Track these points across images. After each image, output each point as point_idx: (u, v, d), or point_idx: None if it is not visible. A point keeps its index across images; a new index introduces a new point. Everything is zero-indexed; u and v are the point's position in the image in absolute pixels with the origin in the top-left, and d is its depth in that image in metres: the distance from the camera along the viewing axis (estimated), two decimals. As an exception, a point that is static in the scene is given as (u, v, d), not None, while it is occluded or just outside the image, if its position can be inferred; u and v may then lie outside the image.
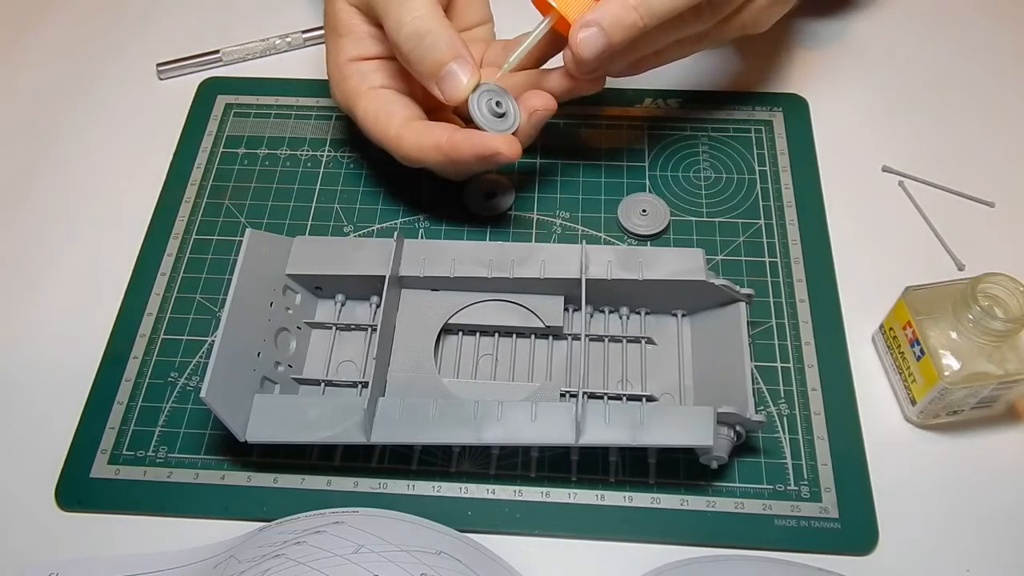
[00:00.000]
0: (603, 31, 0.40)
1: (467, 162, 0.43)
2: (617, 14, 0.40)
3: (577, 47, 0.40)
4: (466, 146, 0.42)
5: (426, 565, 0.34)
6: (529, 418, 0.38)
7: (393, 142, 0.44)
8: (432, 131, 0.43)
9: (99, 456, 0.42)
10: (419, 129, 0.43)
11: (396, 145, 0.44)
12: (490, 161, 0.43)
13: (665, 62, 0.45)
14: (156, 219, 0.50)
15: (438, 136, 0.42)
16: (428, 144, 0.42)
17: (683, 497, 0.40)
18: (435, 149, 0.42)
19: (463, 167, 0.46)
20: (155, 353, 0.45)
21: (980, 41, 0.56)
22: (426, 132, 0.43)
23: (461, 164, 0.44)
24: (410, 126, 0.43)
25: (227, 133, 0.53)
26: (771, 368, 0.44)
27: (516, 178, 0.51)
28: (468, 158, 0.42)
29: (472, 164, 0.44)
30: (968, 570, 0.39)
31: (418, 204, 0.50)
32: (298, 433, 0.39)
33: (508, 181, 0.50)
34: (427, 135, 0.43)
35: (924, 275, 0.43)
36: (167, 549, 0.40)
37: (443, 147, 0.42)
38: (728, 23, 0.45)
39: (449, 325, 0.43)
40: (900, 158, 0.51)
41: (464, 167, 0.46)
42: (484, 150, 0.41)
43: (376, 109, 0.44)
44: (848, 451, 0.41)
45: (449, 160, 0.43)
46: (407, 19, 0.41)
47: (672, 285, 0.42)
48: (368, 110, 0.44)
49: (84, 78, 0.57)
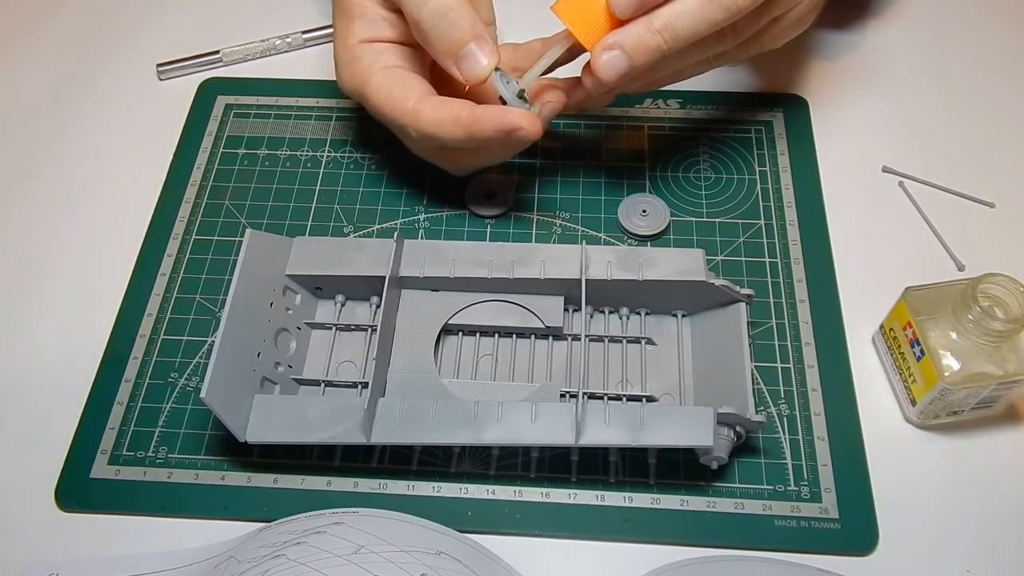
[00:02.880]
0: (626, 54, 0.39)
1: (487, 138, 0.42)
2: (641, 37, 0.39)
3: (600, 69, 0.40)
4: (488, 119, 0.41)
5: (426, 565, 0.34)
6: (529, 418, 0.38)
7: (411, 116, 0.43)
8: (452, 104, 0.42)
9: (99, 456, 0.42)
10: (437, 103, 0.42)
11: (414, 119, 0.43)
12: (510, 138, 0.41)
13: (682, 79, 0.45)
14: (156, 219, 0.50)
15: (459, 109, 0.42)
16: (448, 117, 0.42)
17: (683, 497, 0.40)
18: (455, 122, 0.42)
19: (481, 144, 0.44)
20: (155, 353, 0.45)
21: (980, 41, 0.56)
22: (445, 105, 0.42)
23: (480, 140, 0.42)
24: (428, 100, 0.43)
25: (227, 133, 0.53)
26: (771, 368, 0.44)
27: (516, 178, 0.51)
28: (489, 132, 0.41)
29: (492, 139, 0.42)
30: (968, 570, 0.39)
31: (418, 204, 0.50)
32: (298, 433, 0.39)
33: (508, 181, 0.50)
34: (447, 108, 0.42)
35: (924, 275, 0.43)
36: (167, 549, 0.40)
37: (463, 120, 0.41)
38: (748, 44, 0.44)
39: (449, 325, 0.43)
40: (900, 158, 0.51)
41: (481, 145, 0.44)
42: (506, 124, 0.41)
43: (391, 85, 0.43)
44: (848, 451, 0.41)
45: (469, 135, 0.42)
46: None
47: (672, 285, 0.42)
48: (382, 86, 0.44)
49: (84, 78, 0.57)
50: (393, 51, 0.45)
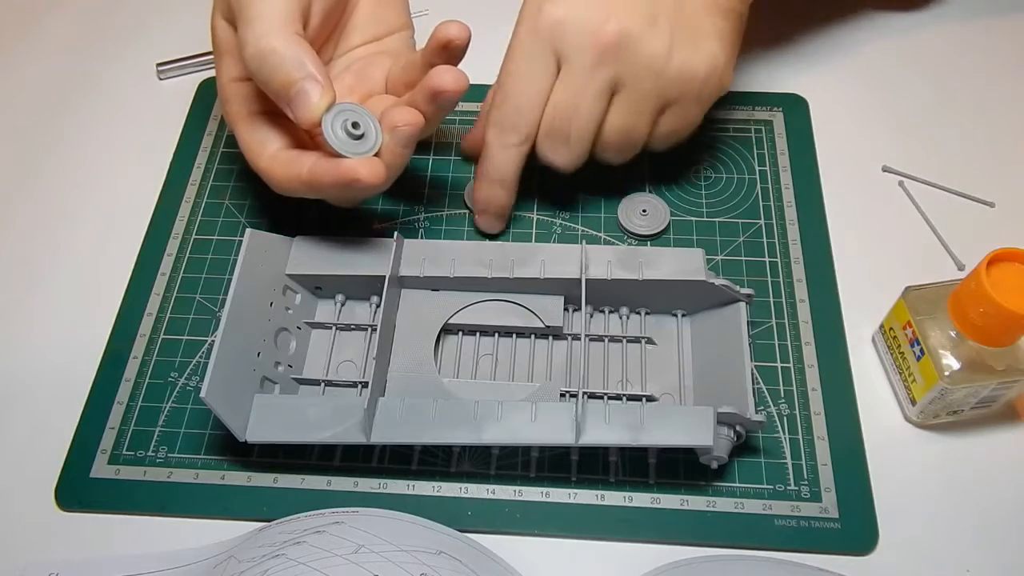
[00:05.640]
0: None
1: (331, 191, 0.41)
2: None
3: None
4: (325, 175, 0.39)
5: (426, 565, 0.34)
6: (529, 418, 0.38)
7: (264, 174, 0.42)
8: (296, 162, 0.40)
9: (99, 456, 0.42)
10: (286, 161, 0.41)
11: (266, 178, 0.42)
12: (353, 188, 0.39)
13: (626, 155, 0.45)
14: (156, 219, 0.50)
15: (300, 167, 0.40)
16: (293, 175, 0.40)
17: (683, 497, 0.40)
18: (298, 180, 0.40)
19: (336, 195, 0.43)
20: (155, 353, 0.45)
21: (980, 41, 0.56)
22: (291, 163, 0.41)
23: (325, 193, 0.42)
24: (277, 158, 0.41)
25: (227, 133, 0.53)
26: (771, 368, 0.44)
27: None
28: (329, 187, 0.40)
29: (337, 192, 0.41)
30: (968, 570, 0.39)
31: (418, 204, 0.50)
32: (298, 433, 0.39)
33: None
34: (292, 167, 0.40)
35: (924, 275, 0.43)
36: (167, 549, 0.40)
37: (304, 178, 0.40)
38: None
39: (449, 325, 0.43)
40: (900, 158, 0.51)
41: (336, 195, 0.43)
42: (342, 177, 0.39)
43: (250, 139, 0.42)
44: (848, 451, 0.41)
45: (313, 191, 0.41)
46: (251, 37, 0.38)
47: (672, 285, 0.42)
48: (243, 139, 0.42)
49: (84, 78, 0.57)
50: (258, 94, 0.42)
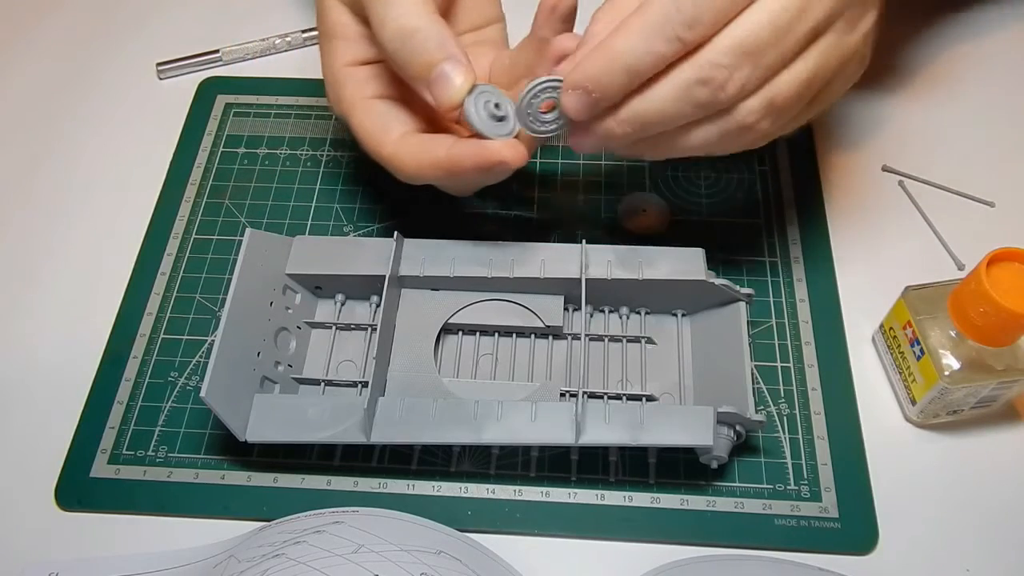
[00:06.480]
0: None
1: (471, 176, 0.39)
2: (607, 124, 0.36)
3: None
4: (467, 158, 0.37)
5: (426, 565, 0.34)
6: (529, 418, 0.38)
7: (390, 160, 0.40)
8: (430, 146, 0.39)
9: (99, 456, 0.42)
10: (416, 145, 0.39)
11: (393, 162, 0.40)
12: (495, 171, 0.38)
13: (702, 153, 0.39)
14: (156, 219, 0.50)
15: (436, 151, 0.38)
16: (426, 162, 0.38)
17: (683, 497, 0.40)
18: (434, 166, 0.38)
19: (469, 181, 0.42)
20: (155, 353, 0.45)
21: (980, 40, 0.56)
22: (424, 148, 0.39)
23: (465, 178, 0.40)
24: (406, 143, 0.39)
25: (227, 133, 0.53)
26: (771, 368, 0.44)
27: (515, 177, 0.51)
28: (471, 171, 0.38)
29: (477, 177, 0.40)
30: (968, 570, 0.39)
31: (418, 204, 0.50)
32: (298, 433, 0.39)
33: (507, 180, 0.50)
34: (425, 152, 0.39)
35: (924, 275, 0.43)
36: (167, 549, 0.40)
37: (442, 163, 0.38)
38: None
39: (449, 325, 0.43)
40: (900, 158, 0.51)
41: (470, 181, 0.42)
42: (486, 160, 0.37)
43: (371, 124, 0.40)
44: (848, 451, 0.41)
45: (451, 176, 0.39)
46: (391, 16, 0.37)
47: (672, 285, 0.42)
48: (363, 124, 0.40)
49: (84, 78, 0.57)
50: (377, 77, 0.41)
